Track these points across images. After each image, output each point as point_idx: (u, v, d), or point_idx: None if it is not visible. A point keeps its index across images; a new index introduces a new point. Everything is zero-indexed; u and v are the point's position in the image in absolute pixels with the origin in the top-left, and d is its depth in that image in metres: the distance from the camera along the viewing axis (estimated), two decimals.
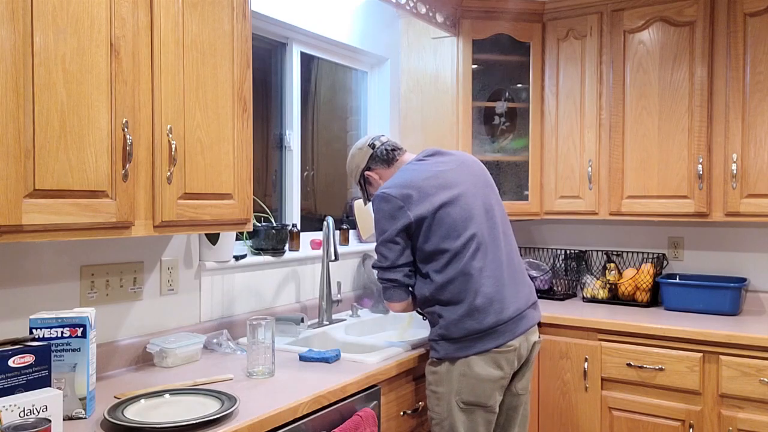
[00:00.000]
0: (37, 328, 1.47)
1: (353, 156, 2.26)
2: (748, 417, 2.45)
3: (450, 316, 1.97)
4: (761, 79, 2.68)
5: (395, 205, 2.01)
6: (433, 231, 2.00)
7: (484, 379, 1.96)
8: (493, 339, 1.96)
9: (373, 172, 2.22)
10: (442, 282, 1.99)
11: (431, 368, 2.04)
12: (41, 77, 1.36)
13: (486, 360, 1.96)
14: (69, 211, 1.42)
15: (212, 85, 1.79)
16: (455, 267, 1.98)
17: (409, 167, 2.11)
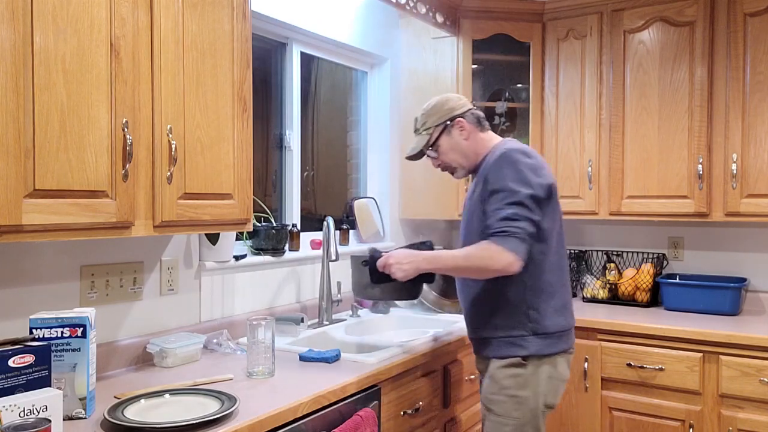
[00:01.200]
0: (37, 328, 1.47)
1: (447, 99, 2.03)
2: (748, 417, 2.45)
3: (545, 308, 1.87)
4: (761, 79, 2.68)
5: (539, 163, 1.87)
6: (552, 208, 1.89)
7: (564, 380, 1.94)
8: (568, 339, 1.95)
9: (466, 124, 1.99)
10: (547, 267, 1.89)
11: (513, 370, 1.88)
12: (41, 77, 1.36)
13: (567, 360, 1.95)
14: (69, 211, 1.42)
15: (212, 85, 1.79)
16: (558, 255, 1.92)
17: (516, 142, 1.96)
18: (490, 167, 1.85)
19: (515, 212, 1.77)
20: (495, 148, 1.94)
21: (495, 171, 1.83)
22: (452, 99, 2.03)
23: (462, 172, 2.03)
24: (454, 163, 2.02)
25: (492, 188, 1.82)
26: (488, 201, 1.83)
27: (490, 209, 1.82)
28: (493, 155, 1.89)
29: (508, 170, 1.81)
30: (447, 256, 1.85)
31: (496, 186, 1.81)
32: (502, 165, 1.83)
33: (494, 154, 1.89)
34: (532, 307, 1.87)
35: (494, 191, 1.82)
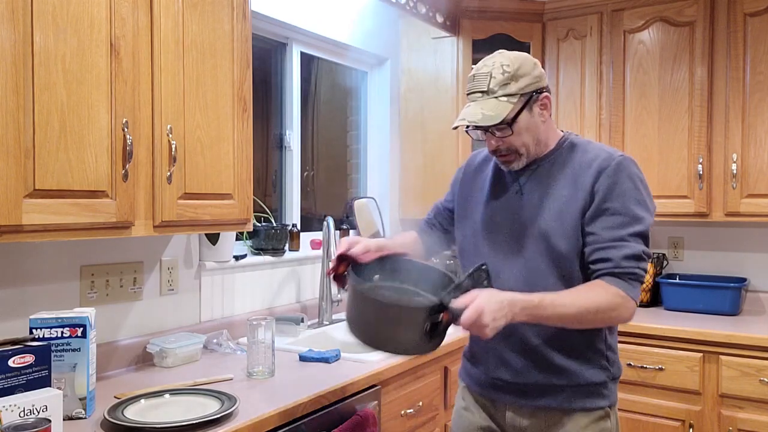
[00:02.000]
0: (37, 328, 1.47)
1: (536, 62, 1.54)
2: (748, 417, 2.45)
3: (616, 348, 1.59)
4: (761, 79, 2.68)
5: (646, 182, 1.53)
6: None
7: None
8: None
9: (550, 102, 1.54)
10: None
11: (601, 425, 1.53)
12: (41, 77, 1.36)
13: None
14: (69, 211, 1.42)
15: (212, 85, 1.79)
16: None
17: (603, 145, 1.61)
18: (604, 176, 1.46)
19: (644, 250, 1.43)
20: (568, 142, 1.57)
21: (612, 184, 1.45)
22: (539, 63, 1.55)
23: (523, 161, 1.54)
24: (522, 149, 1.51)
25: (608, 206, 1.44)
26: (597, 220, 1.45)
27: (602, 234, 1.43)
28: (581, 154, 1.53)
29: (628, 186, 1.45)
30: (561, 305, 1.37)
31: (615, 205, 1.44)
32: (622, 178, 1.46)
33: (584, 154, 1.53)
34: (612, 346, 1.56)
35: (614, 210, 1.44)
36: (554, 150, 1.56)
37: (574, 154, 1.54)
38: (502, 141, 1.50)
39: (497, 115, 1.44)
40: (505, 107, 1.45)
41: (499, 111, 1.44)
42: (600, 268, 1.42)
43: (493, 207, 1.60)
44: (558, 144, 1.57)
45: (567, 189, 1.50)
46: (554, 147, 1.57)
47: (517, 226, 1.54)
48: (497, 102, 1.45)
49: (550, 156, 1.56)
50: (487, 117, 1.44)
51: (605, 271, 1.41)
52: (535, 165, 1.56)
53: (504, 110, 1.45)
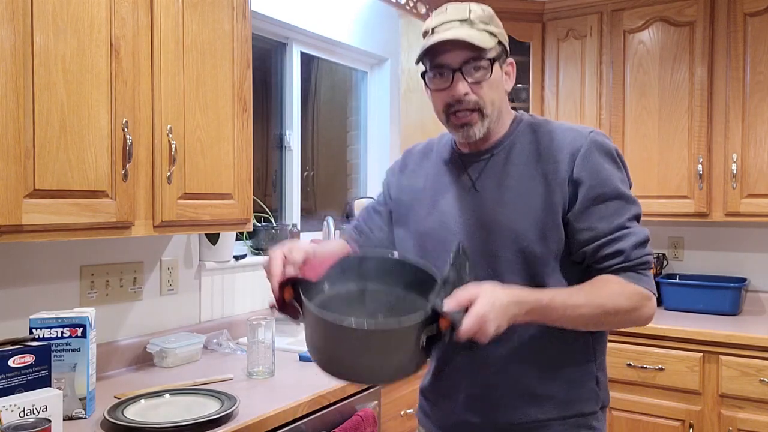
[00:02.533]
0: (37, 328, 1.47)
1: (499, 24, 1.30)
2: (748, 417, 2.45)
3: (605, 363, 1.35)
4: (761, 79, 2.68)
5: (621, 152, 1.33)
6: None
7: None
8: None
9: (512, 74, 1.33)
10: None
11: None
12: (41, 77, 1.36)
13: None
14: (69, 211, 1.42)
15: (212, 85, 1.79)
16: None
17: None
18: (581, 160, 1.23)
19: (647, 234, 1.25)
20: (524, 123, 1.33)
21: (594, 168, 1.23)
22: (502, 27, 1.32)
23: (484, 126, 1.26)
24: (489, 108, 1.25)
25: (598, 193, 1.23)
26: (589, 212, 1.23)
27: (601, 227, 1.22)
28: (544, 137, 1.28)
29: (610, 166, 1.26)
30: (575, 306, 1.16)
31: (605, 190, 1.23)
32: (601, 158, 1.25)
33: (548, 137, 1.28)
34: (600, 366, 1.32)
35: (604, 197, 1.23)
36: (508, 134, 1.31)
37: (535, 137, 1.29)
38: (475, 87, 1.23)
39: (483, 42, 1.21)
40: (489, 40, 1.22)
41: (484, 40, 1.21)
42: (610, 264, 1.22)
43: (441, 209, 1.33)
44: (512, 126, 1.32)
45: (534, 181, 1.25)
46: (508, 130, 1.31)
47: (475, 229, 1.27)
48: (479, 33, 1.22)
49: (504, 141, 1.30)
50: (474, 39, 1.20)
51: (617, 266, 1.21)
52: (488, 154, 1.30)
53: (488, 41, 1.22)
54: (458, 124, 1.25)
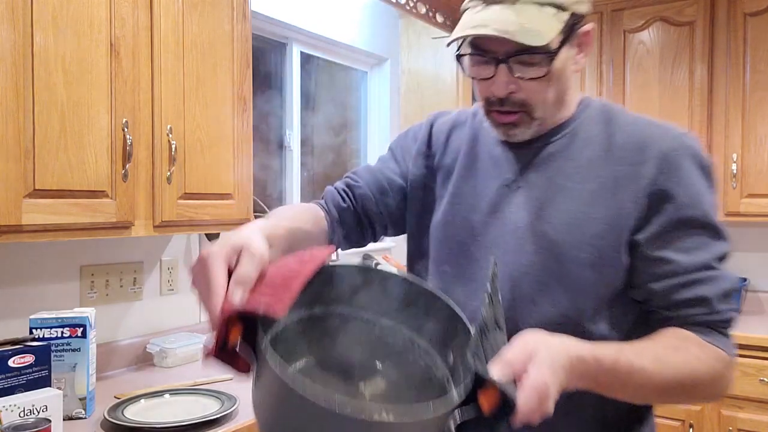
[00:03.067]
0: (37, 328, 1.47)
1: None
2: (748, 417, 2.45)
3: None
4: (761, 78, 2.68)
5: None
6: None
7: None
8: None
9: (589, 44, 0.98)
10: None
11: None
12: (41, 77, 1.36)
13: None
14: (69, 211, 1.42)
15: (212, 85, 1.79)
16: None
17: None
18: (671, 168, 0.93)
19: (736, 282, 0.95)
20: (595, 109, 1.02)
21: (686, 181, 0.94)
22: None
23: (531, 128, 0.97)
24: (541, 107, 0.95)
25: (688, 215, 0.92)
26: (669, 238, 0.92)
27: (682, 261, 0.91)
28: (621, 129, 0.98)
29: (702, 184, 0.96)
30: (642, 370, 0.83)
31: (694, 213, 0.93)
32: (694, 171, 0.95)
33: (626, 129, 0.98)
34: (648, 421, 1.03)
35: (692, 222, 0.93)
36: (571, 119, 1.00)
37: (608, 128, 0.98)
38: (522, 85, 0.92)
39: (541, 32, 0.87)
40: (551, 25, 0.88)
41: (543, 26, 0.87)
42: (688, 314, 0.91)
43: (467, 204, 1.03)
44: (578, 110, 1.01)
45: (599, 184, 0.94)
46: (572, 114, 1.01)
47: (507, 237, 0.98)
48: (540, 11, 0.88)
49: (565, 127, 1.00)
50: (527, 31, 0.87)
51: (697, 318, 0.91)
52: (541, 142, 0.99)
53: (550, 28, 0.88)
54: (503, 123, 0.97)
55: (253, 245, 0.74)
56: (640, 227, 0.93)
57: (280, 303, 0.68)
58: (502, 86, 0.93)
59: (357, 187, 1.11)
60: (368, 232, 1.13)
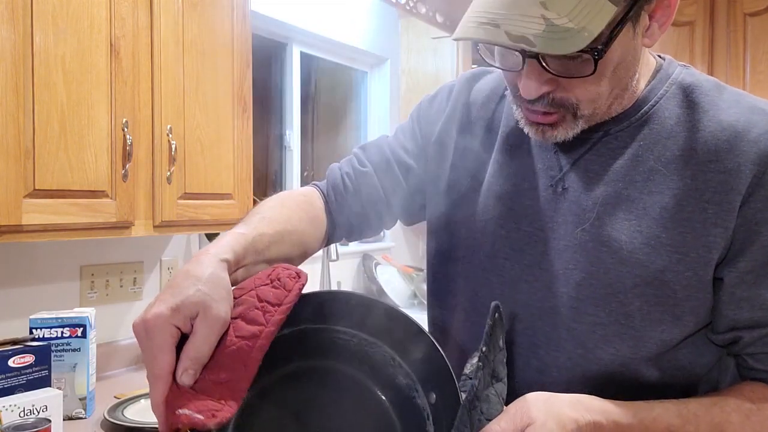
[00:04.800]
0: (37, 328, 1.47)
1: None
2: None
3: None
4: (761, 78, 2.69)
5: None
6: None
7: None
8: None
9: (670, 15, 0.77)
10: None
11: None
12: (41, 77, 1.36)
13: None
14: (69, 211, 1.42)
15: (212, 85, 1.79)
16: None
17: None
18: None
19: None
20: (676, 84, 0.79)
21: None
22: None
23: (577, 126, 0.75)
24: (588, 107, 0.73)
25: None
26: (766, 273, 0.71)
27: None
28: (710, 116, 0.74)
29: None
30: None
31: None
32: None
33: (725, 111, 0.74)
34: None
35: None
36: (642, 101, 0.77)
37: (692, 113, 0.75)
38: (562, 82, 0.71)
39: (580, 28, 0.63)
40: (599, 8, 0.63)
41: (584, 14, 0.63)
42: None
43: (492, 209, 0.83)
44: (652, 85, 0.78)
45: (672, 197, 0.73)
46: (643, 94, 0.78)
47: (540, 258, 0.79)
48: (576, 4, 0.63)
49: (632, 113, 0.77)
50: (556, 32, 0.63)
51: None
52: (600, 131, 0.78)
53: (595, 15, 0.63)
54: (538, 124, 0.75)
55: (211, 309, 0.61)
56: (728, 259, 0.71)
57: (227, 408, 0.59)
58: (532, 88, 0.70)
59: (363, 173, 0.92)
60: (375, 223, 0.96)
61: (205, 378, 0.60)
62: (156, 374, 0.59)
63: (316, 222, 0.88)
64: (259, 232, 0.75)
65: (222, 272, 0.66)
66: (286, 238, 0.80)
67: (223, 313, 0.62)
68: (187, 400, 0.58)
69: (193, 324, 0.60)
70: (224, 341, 0.62)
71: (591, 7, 0.62)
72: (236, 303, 0.65)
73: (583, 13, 0.62)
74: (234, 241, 0.72)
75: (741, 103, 0.74)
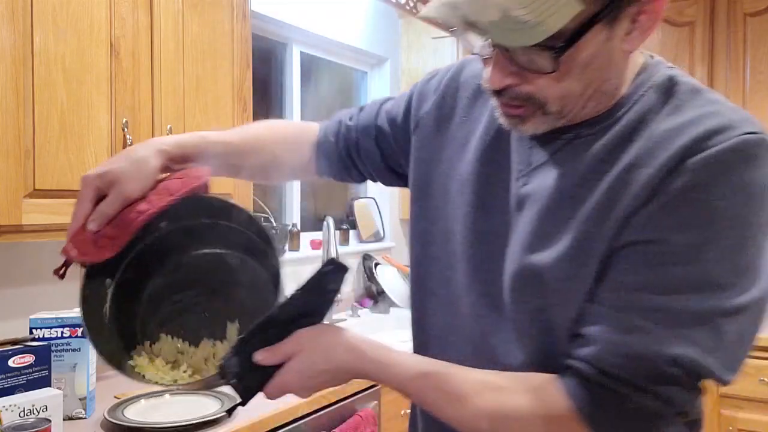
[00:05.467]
0: (37, 328, 1.47)
1: None
2: (747, 417, 2.45)
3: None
4: (761, 78, 2.69)
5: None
6: None
7: None
8: None
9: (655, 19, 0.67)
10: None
11: None
12: (41, 77, 1.36)
13: None
14: (69, 211, 1.39)
15: (212, 86, 1.79)
16: None
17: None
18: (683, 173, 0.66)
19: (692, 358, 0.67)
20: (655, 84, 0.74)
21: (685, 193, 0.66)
22: None
23: (548, 123, 0.73)
24: (555, 104, 0.70)
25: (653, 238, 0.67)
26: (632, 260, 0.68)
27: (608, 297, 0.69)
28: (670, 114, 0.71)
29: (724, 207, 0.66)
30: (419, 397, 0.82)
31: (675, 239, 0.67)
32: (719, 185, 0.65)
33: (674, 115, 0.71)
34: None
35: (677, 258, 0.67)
36: (617, 106, 0.74)
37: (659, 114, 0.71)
38: (528, 76, 0.69)
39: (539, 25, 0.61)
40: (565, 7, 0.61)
41: (546, 13, 0.61)
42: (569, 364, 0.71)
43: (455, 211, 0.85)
44: (634, 85, 0.74)
45: (606, 194, 0.70)
46: (626, 92, 0.74)
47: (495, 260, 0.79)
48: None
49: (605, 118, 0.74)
50: (510, 22, 0.61)
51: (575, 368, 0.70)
52: (572, 133, 0.75)
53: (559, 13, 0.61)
54: (509, 115, 0.74)
55: (122, 183, 0.80)
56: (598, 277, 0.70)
57: (106, 251, 0.83)
58: (497, 78, 0.70)
59: (349, 127, 1.01)
60: (353, 173, 1.05)
61: (103, 230, 0.81)
62: (74, 215, 0.82)
63: (297, 152, 1.01)
64: (225, 140, 0.90)
65: (153, 159, 0.82)
66: (254, 156, 0.94)
67: (129, 190, 0.80)
68: (81, 239, 0.82)
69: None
70: (126, 210, 0.81)
71: (553, 2, 0.61)
72: (155, 186, 0.83)
73: (543, 8, 0.60)
74: (189, 138, 0.87)
75: (705, 107, 0.70)
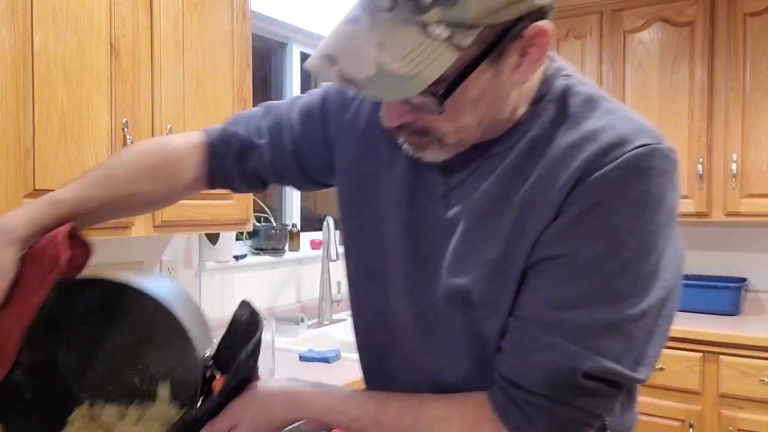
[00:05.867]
0: None
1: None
2: (747, 417, 2.45)
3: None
4: (761, 78, 2.68)
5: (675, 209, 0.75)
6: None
7: None
8: None
9: (543, 47, 0.67)
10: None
11: None
12: (41, 77, 1.36)
13: None
14: None
15: (212, 85, 1.79)
16: None
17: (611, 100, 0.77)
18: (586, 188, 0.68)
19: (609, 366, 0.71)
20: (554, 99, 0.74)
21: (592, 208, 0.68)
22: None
23: (447, 152, 0.74)
24: (452, 137, 0.72)
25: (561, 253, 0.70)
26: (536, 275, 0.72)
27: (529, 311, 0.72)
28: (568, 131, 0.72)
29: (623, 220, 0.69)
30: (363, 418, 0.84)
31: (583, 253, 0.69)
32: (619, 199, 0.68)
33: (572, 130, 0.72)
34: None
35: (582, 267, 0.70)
36: (520, 123, 0.74)
37: (559, 130, 0.72)
38: (417, 116, 0.70)
39: (415, 78, 0.62)
40: (440, 57, 0.62)
41: (422, 65, 0.61)
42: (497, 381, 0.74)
43: (383, 230, 0.85)
44: (529, 110, 0.74)
45: (518, 213, 0.72)
46: (525, 113, 0.74)
47: (428, 280, 0.79)
48: (418, 34, 0.62)
49: (510, 137, 0.74)
50: (386, 77, 0.62)
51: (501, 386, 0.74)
52: (483, 152, 0.75)
53: (435, 64, 0.61)
54: (410, 144, 0.75)
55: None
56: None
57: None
58: (393, 117, 0.70)
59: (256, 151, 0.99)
60: (258, 187, 1.06)
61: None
62: None
63: (171, 179, 0.97)
64: (86, 196, 0.88)
65: (5, 255, 0.76)
66: (119, 203, 0.92)
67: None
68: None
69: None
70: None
71: (428, 54, 0.61)
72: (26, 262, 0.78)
73: (418, 60, 0.61)
74: (39, 210, 0.82)
75: (600, 117, 0.71)
